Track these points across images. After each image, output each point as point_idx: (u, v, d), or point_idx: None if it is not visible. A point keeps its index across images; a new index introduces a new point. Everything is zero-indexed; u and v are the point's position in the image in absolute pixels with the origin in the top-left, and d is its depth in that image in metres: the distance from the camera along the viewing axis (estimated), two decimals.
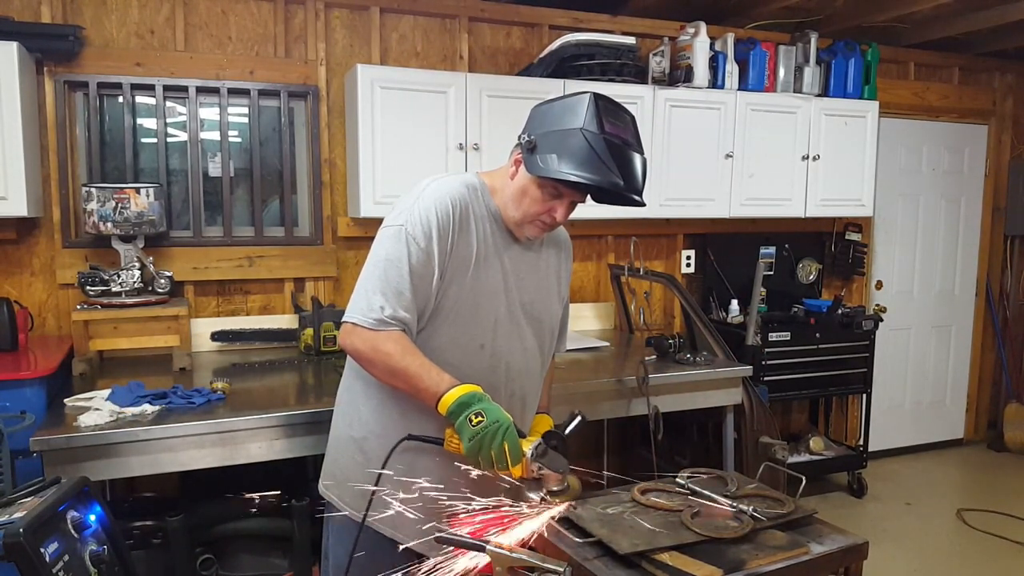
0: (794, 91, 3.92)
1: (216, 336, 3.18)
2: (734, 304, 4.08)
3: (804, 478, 1.71)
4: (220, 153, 3.29)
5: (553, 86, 3.30)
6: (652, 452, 2.86)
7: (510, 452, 1.43)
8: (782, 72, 3.89)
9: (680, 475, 1.73)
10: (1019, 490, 4.40)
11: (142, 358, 3.00)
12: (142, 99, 3.19)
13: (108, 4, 3.08)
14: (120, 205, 2.81)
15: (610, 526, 1.46)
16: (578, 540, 1.43)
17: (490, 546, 1.30)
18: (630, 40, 3.58)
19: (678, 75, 3.69)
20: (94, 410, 2.19)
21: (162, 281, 2.95)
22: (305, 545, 2.49)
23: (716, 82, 3.75)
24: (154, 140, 3.21)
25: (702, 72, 3.67)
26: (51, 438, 2.04)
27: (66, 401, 2.32)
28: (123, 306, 2.82)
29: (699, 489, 1.63)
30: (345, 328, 1.60)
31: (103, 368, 2.87)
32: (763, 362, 3.84)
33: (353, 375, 1.75)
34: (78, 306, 2.81)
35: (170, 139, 3.24)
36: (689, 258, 4.24)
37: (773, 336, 3.93)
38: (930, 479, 4.61)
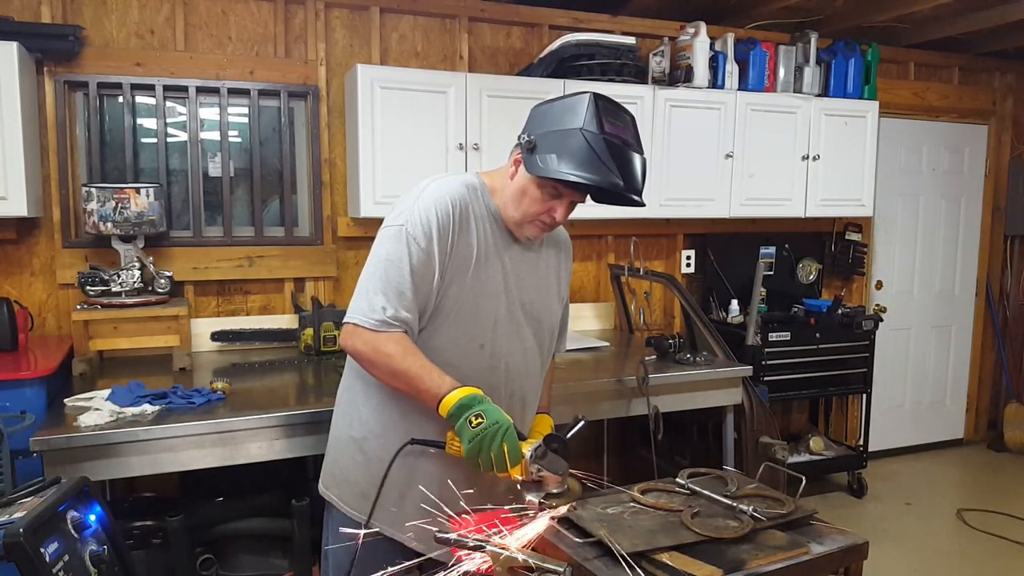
0: (794, 91, 3.92)
1: (216, 336, 3.18)
2: (734, 304, 4.08)
3: (804, 478, 1.71)
4: (220, 153, 3.30)
5: (553, 86, 3.30)
6: (652, 452, 2.86)
7: (509, 454, 1.43)
8: (782, 72, 3.89)
9: (680, 475, 1.73)
10: (1019, 490, 4.40)
11: (142, 358, 3.00)
12: (142, 99, 3.19)
13: (108, 4, 3.08)
14: (120, 205, 2.81)
15: (610, 526, 1.46)
16: (578, 540, 1.43)
17: (490, 546, 1.30)
18: (630, 40, 3.59)
19: (678, 75, 3.69)
20: (94, 410, 2.19)
21: (162, 281, 2.95)
22: (305, 545, 2.49)
23: (716, 82, 3.75)
24: (154, 140, 3.21)
25: (702, 72, 3.67)
26: (51, 438, 2.04)
27: (66, 401, 2.33)
28: (123, 306, 2.82)
29: (699, 489, 1.63)
30: (346, 329, 1.60)
31: (103, 368, 2.87)
32: (763, 362, 3.84)
33: (353, 375, 1.75)
34: (78, 306, 2.81)
35: (170, 139, 3.24)
36: (689, 258, 4.24)
37: (773, 336, 3.93)
38: (930, 479, 4.61)
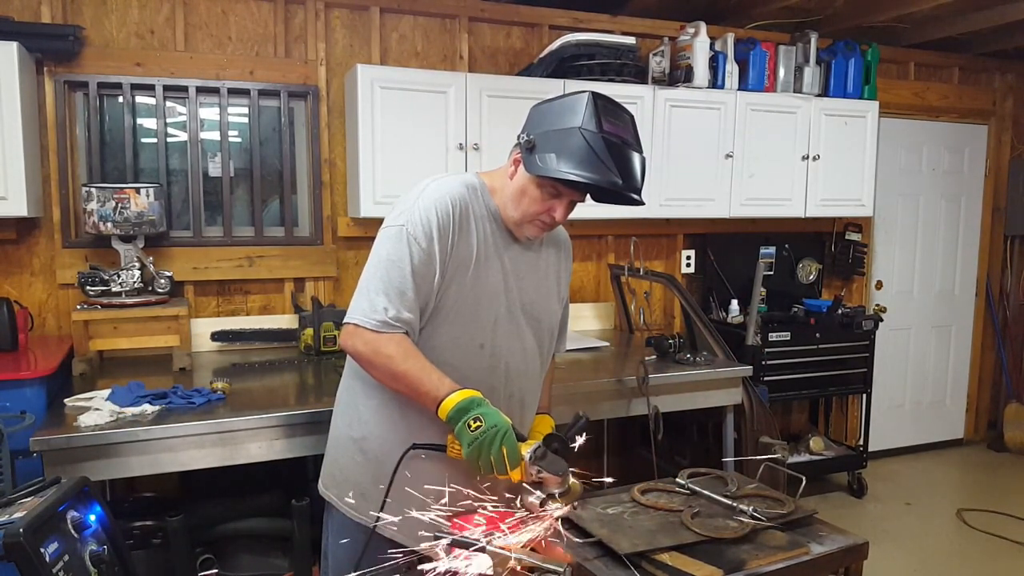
0: (794, 91, 3.92)
1: (216, 336, 3.18)
2: (734, 304, 4.08)
3: (804, 478, 1.71)
4: (220, 153, 3.30)
5: (553, 86, 3.30)
6: (652, 452, 2.86)
7: (508, 457, 1.43)
8: (782, 72, 3.89)
9: (680, 475, 1.73)
10: (1019, 490, 4.40)
11: (142, 358, 3.00)
12: (142, 99, 3.19)
13: (108, 4, 3.08)
14: (120, 205, 2.81)
15: (610, 526, 1.46)
16: (578, 540, 1.43)
17: (490, 546, 1.30)
18: (630, 40, 3.58)
19: (678, 75, 3.69)
20: (94, 410, 2.19)
21: (162, 281, 2.95)
22: (305, 545, 2.49)
23: (716, 82, 3.75)
24: (154, 140, 3.21)
25: (702, 72, 3.67)
26: (51, 438, 2.04)
27: (66, 401, 2.32)
28: (123, 306, 2.82)
29: (699, 489, 1.63)
30: (347, 329, 1.60)
31: (103, 368, 2.87)
32: (763, 362, 3.84)
33: (353, 375, 1.75)
34: (78, 306, 2.81)
35: (170, 139, 3.24)
36: (689, 258, 4.24)
37: (773, 336, 3.93)
38: (930, 479, 4.61)
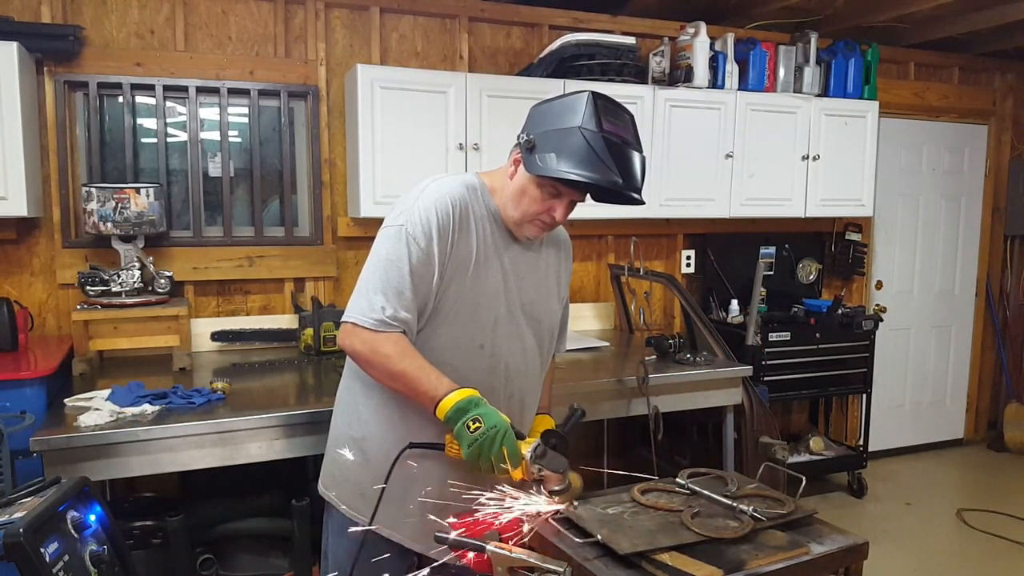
0: (794, 91, 3.92)
1: (216, 336, 3.18)
2: (734, 304, 4.08)
3: (804, 478, 1.70)
4: (220, 153, 3.30)
5: (553, 86, 3.30)
6: (652, 452, 2.86)
7: (509, 456, 1.43)
8: (782, 72, 3.89)
9: (680, 475, 1.72)
10: (1019, 490, 4.40)
11: (142, 358, 3.00)
12: (142, 99, 3.19)
13: (108, 4, 3.08)
14: (120, 205, 2.81)
15: (610, 526, 1.46)
16: (578, 540, 1.43)
17: (490, 546, 1.30)
18: (630, 40, 3.58)
19: (678, 75, 3.69)
20: (94, 410, 2.19)
21: (162, 281, 2.95)
22: (305, 545, 2.49)
23: (716, 82, 3.75)
24: (154, 140, 3.21)
25: (702, 72, 3.67)
26: (51, 438, 2.04)
27: (66, 401, 2.32)
28: (123, 306, 2.82)
29: (699, 489, 1.63)
30: (345, 328, 1.60)
31: (103, 368, 2.87)
32: (763, 362, 3.84)
33: (352, 375, 1.75)
34: (78, 306, 2.81)
35: (170, 139, 3.24)
36: (689, 258, 4.24)
37: (773, 336, 3.93)
38: (930, 479, 4.61)
